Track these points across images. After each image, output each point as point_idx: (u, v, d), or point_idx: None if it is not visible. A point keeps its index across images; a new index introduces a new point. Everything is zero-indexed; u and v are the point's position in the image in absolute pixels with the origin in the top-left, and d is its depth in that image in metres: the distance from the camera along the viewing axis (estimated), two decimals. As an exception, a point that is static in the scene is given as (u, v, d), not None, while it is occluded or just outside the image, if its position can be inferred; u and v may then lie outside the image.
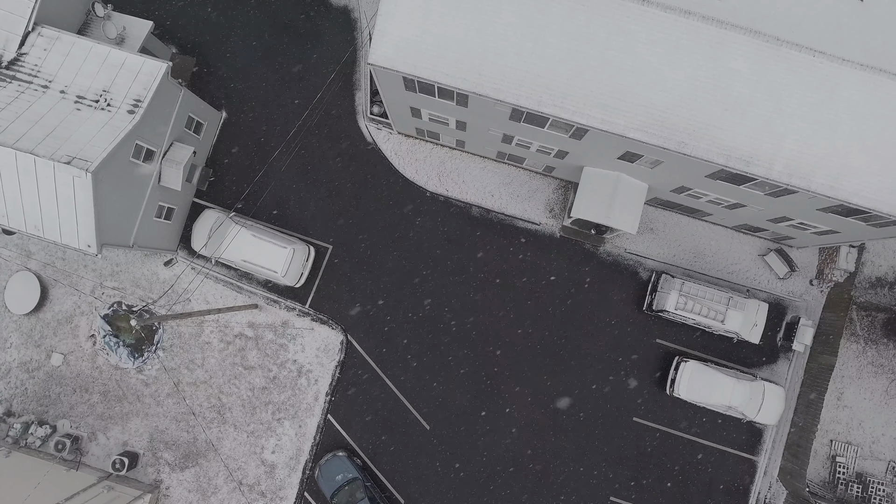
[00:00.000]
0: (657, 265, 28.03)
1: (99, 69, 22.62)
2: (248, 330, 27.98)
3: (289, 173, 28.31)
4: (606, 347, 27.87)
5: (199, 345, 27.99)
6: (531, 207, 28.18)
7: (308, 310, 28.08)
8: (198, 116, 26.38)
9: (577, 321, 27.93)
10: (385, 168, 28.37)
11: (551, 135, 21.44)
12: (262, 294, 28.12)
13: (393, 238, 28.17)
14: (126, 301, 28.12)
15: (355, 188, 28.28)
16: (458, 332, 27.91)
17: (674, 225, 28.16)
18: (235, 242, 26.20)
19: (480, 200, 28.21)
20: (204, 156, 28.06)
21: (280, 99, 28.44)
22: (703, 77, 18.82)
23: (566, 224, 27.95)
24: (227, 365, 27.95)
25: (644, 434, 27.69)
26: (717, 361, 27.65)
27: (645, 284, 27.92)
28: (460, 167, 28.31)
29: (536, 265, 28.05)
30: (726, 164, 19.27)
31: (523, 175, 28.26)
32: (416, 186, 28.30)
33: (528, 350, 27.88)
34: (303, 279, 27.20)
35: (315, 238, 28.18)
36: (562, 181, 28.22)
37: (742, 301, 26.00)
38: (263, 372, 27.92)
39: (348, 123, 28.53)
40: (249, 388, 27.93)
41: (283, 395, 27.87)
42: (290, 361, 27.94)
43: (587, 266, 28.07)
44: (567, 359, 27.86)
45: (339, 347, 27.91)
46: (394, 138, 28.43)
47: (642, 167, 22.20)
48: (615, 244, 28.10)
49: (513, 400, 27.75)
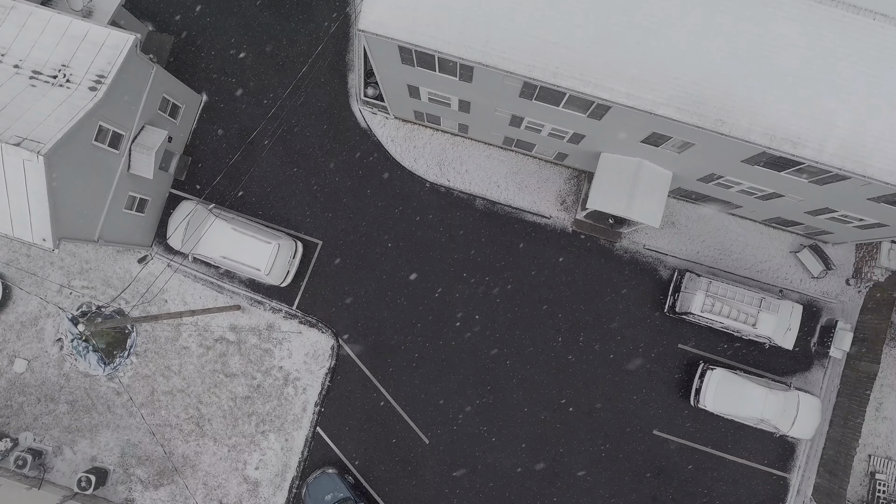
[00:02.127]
0: (679, 263, 25.53)
1: (58, 42, 20.23)
2: (230, 333, 25.49)
3: (275, 162, 25.83)
4: (623, 354, 25.35)
5: (175, 350, 25.51)
6: (541, 199, 25.67)
7: (295, 312, 25.58)
8: (174, 98, 23.92)
9: (590, 325, 25.41)
10: (381, 156, 25.88)
11: (567, 114, 18.97)
12: (246, 294, 25.63)
13: (389, 233, 25.65)
14: (96, 301, 25.65)
15: (348, 178, 25.79)
16: (460, 337, 25.40)
17: (697, 219, 25.66)
18: (213, 237, 23.71)
19: (485, 192, 25.71)
20: (182, 142, 25.59)
21: (266, 82, 25.94)
22: (744, 44, 16.37)
23: (579, 217, 25.45)
24: (206, 372, 25.47)
25: (665, 448, 25.17)
26: (745, 369, 25.15)
27: (666, 284, 25.42)
28: (463, 155, 25.80)
29: (547, 263, 25.54)
30: (770, 146, 16.78)
31: (532, 164, 25.76)
32: (415, 176, 25.81)
33: (538, 357, 25.37)
34: (289, 278, 24.69)
35: (303, 233, 25.67)
36: (575, 170, 25.71)
37: (775, 303, 23.50)
38: (246, 380, 25.43)
39: (341, 108, 26.04)
40: (231, 398, 25.44)
41: (268, 406, 25.37)
42: (276, 368, 25.45)
43: (602, 264, 25.56)
44: (580, 366, 25.34)
45: (329, 353, 25.40)
46: (390, 124, 25.94)
47: (668, 152, 19.72)
48: (633, 240, 25.60)
49: (520, 412, 25.23)
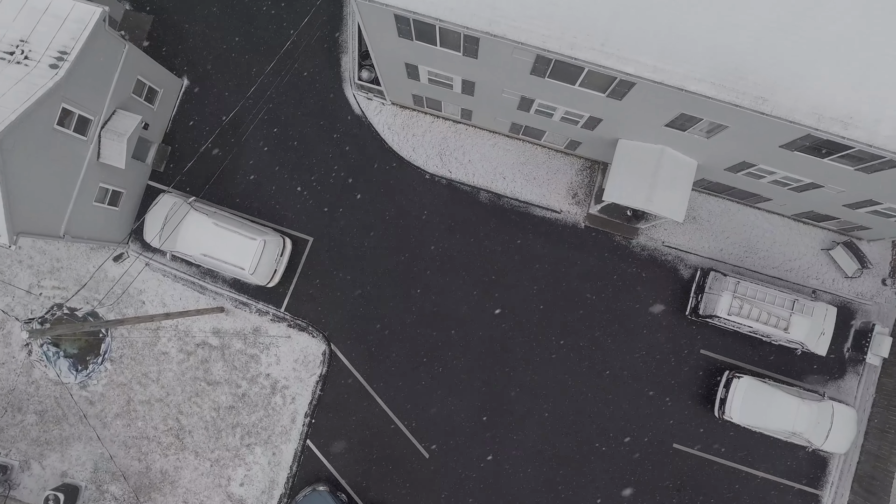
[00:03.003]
0: (701, 261, 23.47)
1: (16, 15, 18.25)
2: (213, 338, 23.46)
3: (262, 152, 23.79)
4: (640, 361, 23.31)
5: (153, 355, 23.48)
6: (551, 192, 23.63)
7: (284, 314, 23.54)
8: (150, 82, 21.89)
9: (605, 328, 23.37)
10: (377, 146, 23.84)
11: (583, 94, 16.93)
12: (230, 295, 23.59)
13: (386, 229, 23.63)
14: (68, 303, 23.63)
15: (341, 170, 23.75)
16: (463, 343, 23.36)
17: (721, 213, 23.60)
18: (193, 232, 21.66)
19: (490, 184, 23.67)
20: (161, 130, 23.56)
21: (253, 66, 23.89)
22: (790, 9, 14.30)
23: (593, 212, 23.41)
24: (187, 380, 23.44)
25: (686, 463, 23.12)
26: (774, 377, 23.08)
27: (687, 284, 23.37)
28: (466, 144, 23.76)
29: (557, 261, 23.50)
30: (817, 127, 14.70)
31: (541, 153, 23.72)
32: (414, 167, 23.77)
33: (546, 364, 23.33)
34: (276, 278, 22.65)
35: (293, 229, 23.65)
36: (588, 160, 23.66)
37: (809, 304, 21.44)
38: (230, 388, 23.40)
39: (333, 93, 24.00)
40: (214, 408, 23.41)
41: (254, 416, 23.34)
42: (263, 376, 23.41)
43: (618, 262, 23.52)
44: (594, 374, 23.30)
45: (320, 359, 23.36)
46: (387, 110, 23.90)
47: (696, 137, 17.67)
48: (651, 236, 23.55)
49: (530, 424, 23.19)
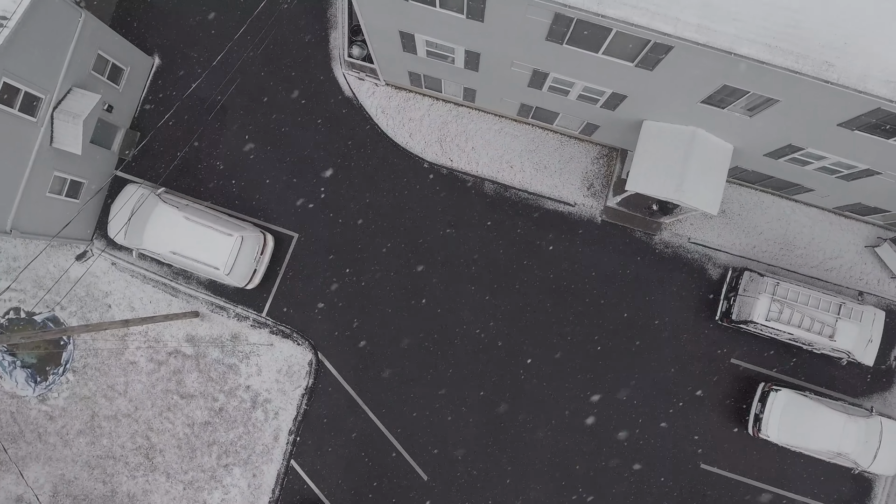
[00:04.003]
0: (731, 260, 21.03)
1: (-50, -25, 15.77)
2: (187, 346, 21.03)
3: (243, 139, 21.35)
4: (664, 371, 20.88)
5: (120, 365, 21.07)
6: (563, 183, 21.19)
7: (265, 319, 21.11)
8: (114, 58, 19.47)
9: (624, 335, 20.94)
10: (369, 131, 21.40)
11: (607, 65, 14.48)
12: (205, 298, 21.16)
13: (379, 225, 21.20)
14: (25, 307, 21.21)
15: (330, 158, 21.32)
16: (466, 352, 20.93)
17: (753, 206, 21.16)
18: (161, 228, 19.23)
19: (496, 174, 21.23)
20: (128, 114, 21.13)
21: (234, 43, 21.44)
22: (863, -44, 11.91)
23: (611, 205, 20.98)
24: (157, 392, 21.02)
25: (716, 486, 20.67)
26: (815, 389, 20.66)
27: (716, 285, 20.93)
28: (469, 129, 21.33)
29: (571, 259, 21.07)
30: (893, 99, 12.29)
31: (553, 140, 21.27)
32: (411, 155, 21.34)
33: (560, 375, 20.90)
34: (257, 279, 20.21)
35: (275, 224, 21.21)
36: (605, 147, 21.22)
37: (857, 308, 19.01)
38: (206, 402, 20.98)
39: (321, 73, 21.57)
40: (187, 424, 20.99)
41: (233, 434, 20.92)
42: (242, 388, 20.99)
43: (638, 261, 21.08)
44: (611, 387, 20.87)
45: (306, 370, 20.94)
46: (381, 91, 21.46)
47: (736, 115, 15.24)
48: (676, 231, 21.12)
49: (541, 443, 20.77)
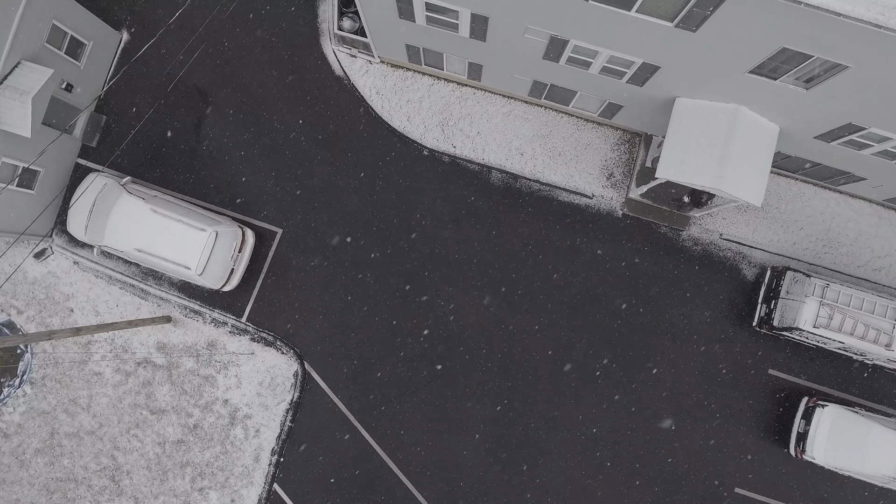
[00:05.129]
0: (768, 258, 18.75)
1: None
2: (158, 355, 18.78)
3: (221, 123, 19.11)
4: (693, 383, 18.59)
5: (84, 377, 18.82)
6: (580, 172, 18.92)
7: (246, 325, 18.85)
8: (74, 31, 17.23)
9: (648, 343, 18.65)
10: (363, 114, 19.15)
11: (641, 26, 12.20)
12: (179, 301, 18.91)
13: (374, 219, 18.94)
14: (-22, 311, 19.02)
15: (318, 145, 19.07)
16: (471, 363, 18.65)
17: (793, 198, 18.88)
18: (125, 222, 16.97)
19: (504, 162, 18.97)
20: (92, 95, 18.89)
21: (213, 18, 19.20)
22: None
23: (633, 196, 18.70)
24: (125, 407, 18.78)
25: (750, 512, 18.45)
26: (867, 405, 18.36)
27: (751, 287, 18.65)
28: (474, 112, 19.06)
29: (587, 259, 18.80)
30: None
31: (568, 124, 19.00)
32: (409, 141, 19.09)
33: (576, 391, 18.62)
34: (235, 280, 17.96)
35: (257, 218, 18.97)
36: (627, 132, 18.95)
37: (917, 314, 16.74)
38: (179, 417, 18.73)
39: (308, 50, 19.33)
40: (158, 442, 18.74)
41: (209, 454, 18.66)
42: (220, 402, 18.74)
43: (664, 260, 18.80)
44: (634, 403, 18.57)
45: (291, 382, 18.68)
46: (375, 69, 19.20)
47: (790, 87, 12.95)
48: (706, 226, 18.83)
49: (555, 465, 18.47)
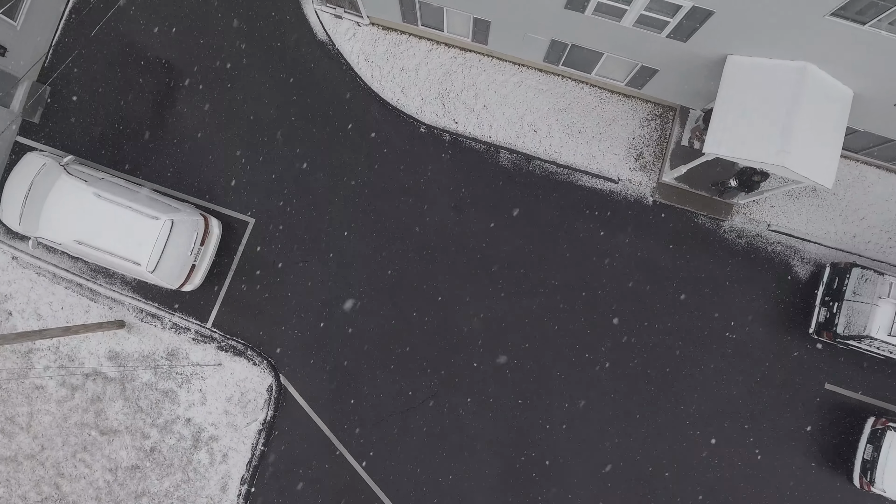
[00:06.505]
0: (825, 253, 16.00)
1: None
2: (109, 366, 16.09)
3: (185, 96, 16.40)
4: (736, 400, 15.83)
5: (23, 391, 16.15)
6: (603, 152, 16.19)
7: (212, 331, 16.13)
8: (6, -17, 14.57)
9: (684, 352, 15.91)
10: (349, 85, 16.44)
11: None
12: (133, 303, 16.21)
13: (361, 208, 16.22)
14: None
15: (297, 121, 16.36)
16: (474, 374, 15.92)
17: (853, 182, 16.12)
18: (64, 208, 14.27)
19: (514, 140, 16.25)
20: (34, 61, 16.21)
21: (168, -34, 16.56)
22: None
23: (667, 180, 15.95)
24: (71, 427, 16.09)
25: (803, 551, 15.70)
26: (940, 426, 15.63)
27: (805, 286, 15.91)
28: (479, 82, 16.33)
29: (613, 253, 16.06)
30: None
31: (590, 95, 16.26)
32: (403, 116, 16.37)
33: (600, 409, 15.87)
34: (197, 278, 15.24)
35: (225, 206, 16.26)
36: (658, 104, 16.20)
37: None
38: (134, 439, 16.03)
39: (287, 10, 16.62)
40: (109, 468, 16.04)
41: (168, 482, 15.95)
42: (181, 421, 16.03)
43: (702, 254, 16.06)
44: (668, 423, 15.83)
45: (264, 398, 15.96)
46: (364, 33, 16.49)
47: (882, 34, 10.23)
48: (751, 216, 16.09)
49: (576, 498, 15.72)
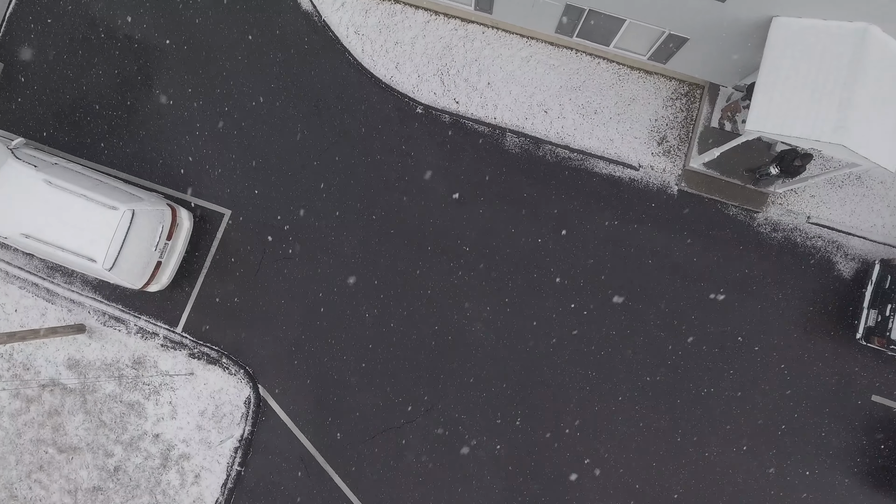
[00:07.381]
0: (871, 249, 14.25)
1: None
2: (69, 375, 14.37)
3: (153, 75, 14.69)
4: (773, 412, 14.08)
5: (-28, 404, 14.48)
6: (622, 135, 14.46)
7: (183, 337, 14.39)
8: (-52, -57, 12.86)
9: (713, 359, 14.16)
10: (337, 61, 14.72)
11: None
12: (95, 305, 14.48)
13: (351, 197, 14.48)
14: None
15: (279, 101, 14.64)
16: (476, 385, 14.17)
17: (903, 169, 14.39)
18: (9, 197, 12.55)
19: (522, 122, 14.51)
20: (-16, 35, 14.55)
21: (136, -71, 14.84)
22: None
23: (694, 166, 14.21)
24: (25, 443, 14.37)
25: (848, 583, 13.95)
26: None
27: (850, 286, 14.17)
28: (483, 56, 14.60)
29: (633, 248, 14.31)
30: None
31: (607, 72, 14.52)
32: (398, 95, 14.64)
33: (620, 424, 14.11)
34: (165, 277, 13.50)
35: (197, 195, 14.54)
36: (684, 82, 14.47)
37: None
38: (96, 458, 14.30)
39: (269, -21, 14.94)
40: (68, 490, 14.32)
41: (134, 505, 14.27)
42: (149, 437, 14.30)
43: (734, 250, 14.31)
44: (696, 438, 14.08)
45: (241, 412, 14.22)
46: (353, 3, 14.76)
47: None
48: (788, 206, 14.36)
49: (587, 515, 14.02)
